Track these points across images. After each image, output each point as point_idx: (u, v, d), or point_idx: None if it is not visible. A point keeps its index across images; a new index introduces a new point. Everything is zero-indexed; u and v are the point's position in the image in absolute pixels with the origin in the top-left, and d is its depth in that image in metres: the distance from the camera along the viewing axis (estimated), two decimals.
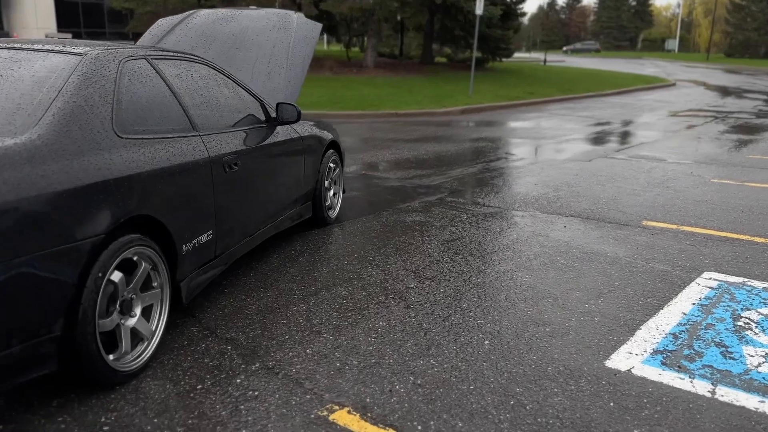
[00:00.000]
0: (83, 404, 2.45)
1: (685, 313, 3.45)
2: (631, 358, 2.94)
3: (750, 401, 2.58)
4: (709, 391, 2.66)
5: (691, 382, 2.74)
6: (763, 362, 2.91)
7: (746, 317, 3.41)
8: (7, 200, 2.04)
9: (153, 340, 2.77)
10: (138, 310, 2.69)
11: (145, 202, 2.66)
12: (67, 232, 2.23)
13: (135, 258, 2.64)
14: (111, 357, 2.53)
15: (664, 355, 2.98)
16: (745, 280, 3.97)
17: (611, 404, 2.55)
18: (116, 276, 2.51)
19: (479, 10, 15.97)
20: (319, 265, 4.14)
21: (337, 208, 5.29)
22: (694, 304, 3.59)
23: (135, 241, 2.59)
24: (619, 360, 2.92)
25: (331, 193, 5.20)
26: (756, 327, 3.29)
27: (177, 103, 3.16)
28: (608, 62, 43.66)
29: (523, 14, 30.50)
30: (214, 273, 3.36)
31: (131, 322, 2.64)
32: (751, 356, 2.97)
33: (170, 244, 2.88)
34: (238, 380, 2.67)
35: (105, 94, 2.68)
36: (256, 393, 2.57)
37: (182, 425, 2.34)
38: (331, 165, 5.09)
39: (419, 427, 2.36)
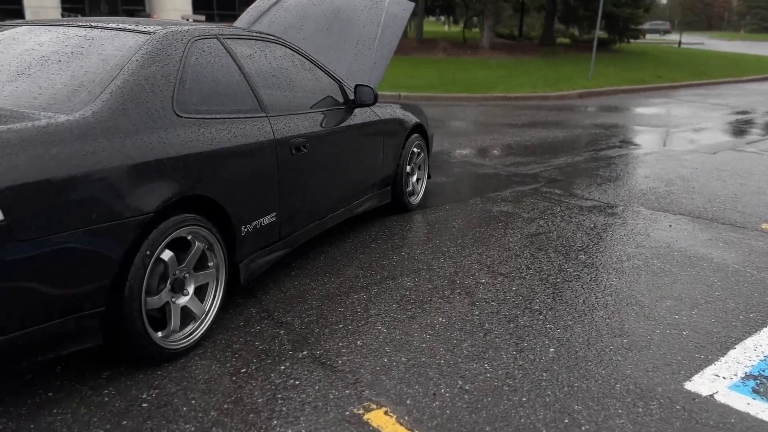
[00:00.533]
0: (130, 378, 2.50)
1: None
2: (717, 381, 2.60)
3: None
4: None
5: None
6: None
7: None
8: (54, 176, 2.08)
9: (205, 320, 2.78)
10: (191, 289, 2.70)
11: (201, 183, 2.65)
12: (113, 210, 2.25)
13: (189, 237, 2.65)
14: (159, 334, 2.56)
15: (758, 382, 2.60)
16: None
17: None
18: (166, 254, 2.52)
19: None
20: (390, 252, 4.02)
21: (420, 194, 5.13)
22: None
23: (189, 220, 2.59)
24: (702, 383, 2.59)
25: (414, 178, 5.05)
26: None
27: (246, 84, 3.14)
28: (753, 46, 39.93)
29: None
30: (278, 255, 3.34)
31: (182, 300, 2.66)
32: None
33: (228, 224, 2.87)
34: (282, 367, 2.62)
35: (168, 73, 2.69)
36: (297, 382, 2.51)
37: (217, 409, 2.32)
38: (415, 149, 4.94)
39: None
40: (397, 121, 4.55)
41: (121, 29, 2.86)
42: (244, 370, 2.59)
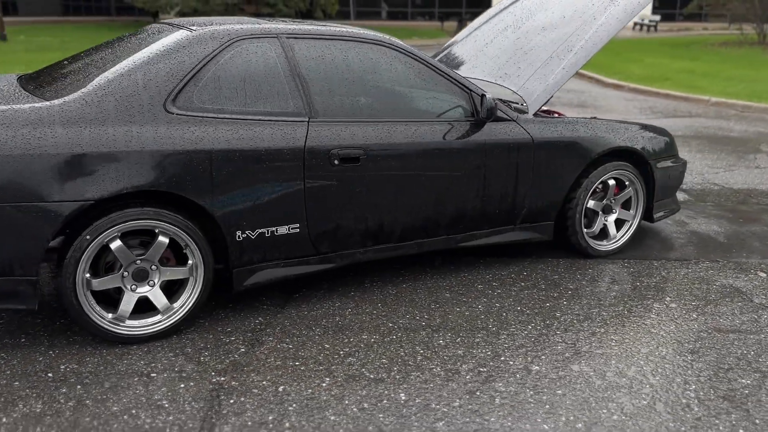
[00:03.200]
0: (82, 348, 2.71)
1: None
2: None
3: None
4: None
5: None
6: None
7: None
8: None
9: (173, 316, 2.80)
10: (156, 281, 2.76)
11: (173, 180, 2.65)
12: (45, 192, 2.45)
13: (157, 231, 2.70)
14: (110, 316, 2.70)
15: None
16: None
17: None
18: (115, 243, 2.63)
19: None
20: (482, 300, 3.28)
21: (620, 240, 3.99)
22: None
23: (149, 214, 2.64)
24: None
25: (611, 218, 3.95)
26: None
27: (294, 87, 2.97)
28: None
29: None
30: (307, 270, 3.10)
31: (143, 290, 2.74)
32: None
33: (217, 227, 2.82)
34: (183, 385, 2.47)
35: (178, 70, 2.75)
36: (166, 405, 2.34)
37: (74, 401, 2.35)
38: (612, 181, 3.85)
39: None
40: (568, 143, 3.62)
41: (182, 28, 3.02)
42: (154, 374, 2.54)
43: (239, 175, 2.80)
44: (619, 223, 4.03)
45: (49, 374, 2.52)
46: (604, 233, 3.98)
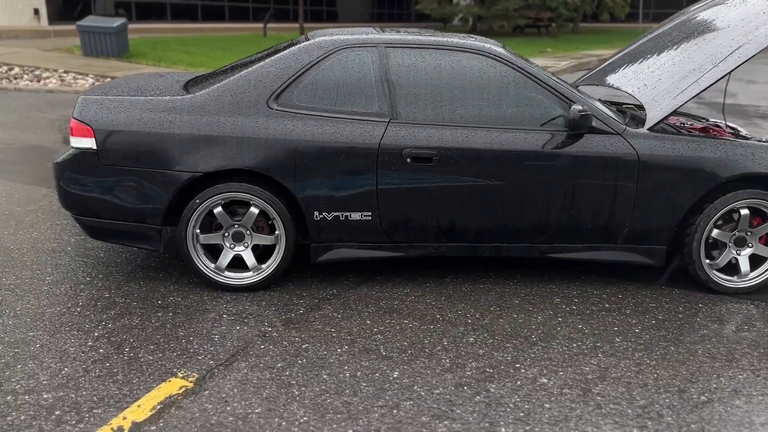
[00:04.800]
0: (185, 285, 3.46)
1: None
2: None
3: None
4: None
5: None
6: None
7: None
8: (136, 129, 3.22)
9: (259, 273, 3.37)
10: (249, 243, 3.37)
11: (264, 163, 3.22)
12: (170, 162, 3.22)
13: (250, 202, 3.31)
14: (212, 266, 3.40)
15: None
16: None
17: None
18: (218, 209, 3.29)
19: None
20: (548, 313, 3.25)
21: (756, 278, 3.50)
22: None
23: (243, 188, 3.26)
24: None
25: (744, 252, 3.49)
26: None
27: (382, 90, 3.32)
28: None
29: None
30: (379, 255, 3.43)
31: (238, 249, 3.38)
32: None
33: (297, 206, 3.33)
34: (238, 328, 3.03)
35: (284, 74, 3.31)
36: (217, 337, 2.93)
37: (116, 333, 3.06)
38: (745, 210, 3.41)
39: None
40: (685, 164, 3.32)
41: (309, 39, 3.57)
42: (225, 315, 3.15)
43: (318, 163, 3.26)
44: (760, 260, 3.54)
45: (159, 301, 3.30)
46: (737, 268, 3.54)
